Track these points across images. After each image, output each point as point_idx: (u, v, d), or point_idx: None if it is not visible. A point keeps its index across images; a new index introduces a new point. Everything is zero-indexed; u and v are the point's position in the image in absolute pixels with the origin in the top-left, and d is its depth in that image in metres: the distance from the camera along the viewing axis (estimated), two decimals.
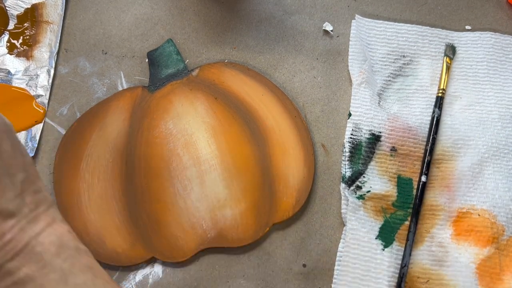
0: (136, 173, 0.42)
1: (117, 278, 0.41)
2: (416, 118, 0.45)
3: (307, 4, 0.50)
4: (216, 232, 0.41)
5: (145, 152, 0.43)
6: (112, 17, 0.49)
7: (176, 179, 0.42)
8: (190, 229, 0.41)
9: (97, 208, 0.42)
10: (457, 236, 0.42)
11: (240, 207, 0.41)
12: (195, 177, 0.42)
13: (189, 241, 0.41)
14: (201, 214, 0.42)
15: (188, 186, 0.42)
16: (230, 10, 0.50)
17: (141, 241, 0.42)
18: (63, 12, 0.49)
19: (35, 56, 0.48)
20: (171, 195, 0.42)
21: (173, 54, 0.47)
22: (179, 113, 0.44)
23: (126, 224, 0.42)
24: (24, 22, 0.49)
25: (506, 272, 0.41)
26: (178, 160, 0.42)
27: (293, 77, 0.47)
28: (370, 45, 0.47)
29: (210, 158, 0.42)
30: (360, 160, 0.44)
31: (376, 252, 0.41)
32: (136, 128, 0.44)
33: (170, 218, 0.42)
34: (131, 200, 0.42)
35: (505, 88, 0.46)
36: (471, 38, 0.48)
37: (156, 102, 0.45)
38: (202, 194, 0.42)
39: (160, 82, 0.46)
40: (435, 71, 0.47)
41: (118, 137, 0.44)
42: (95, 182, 0.43)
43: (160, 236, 0.41)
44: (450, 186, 0.43)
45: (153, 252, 0.41)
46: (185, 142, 0.43)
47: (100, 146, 0.44)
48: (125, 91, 0.47)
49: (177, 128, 0.43)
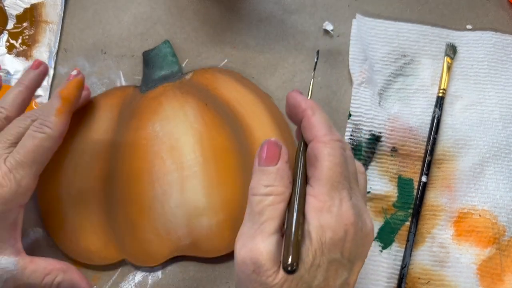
0: (117, 173, 0.41)
1: (116, 278, 0.41)
2: (416, 118, 0.45)
3: (307, 3, 0.50)
4: (190, 240, 0.40)
5: (129, 153, 0.42)
6: (111, 16, 0.49)
7: (157, 182, 0.41)
8: (164, 235, 0.40)
9: (75, 204, 0.42)
10: (458, 237, 0.42)
11: (218, 217, 0.40)
12: (176, 183, 0.40)
13: (163, 247, 0.40)
14: (178, 221, 0.40)
15: (168, 191, 0.40)
16: (230, 9, 0.50)
17: (115, 242, 0.41)
18: (63, 12, 0.49)
19: (34, 56, 0.47)
20: (149, 199, 0.40)
21: (169, 56, 0.47)
22: (168, 116, 0.42)
23: (102, 223, 0.41)
24: (23, 22, 0.48)
25: (507, 272, 0.41)
26: (161, 164, 0.41)
27: (293, 77, 0.47)
28: (371, 44, 0.47)
29: (193, 165, 0.41)
30: (361, 160, 0.43)
31: (374, 253, 0.41)
32: (123, 127, 0.43)
33: (145, 222, 0.40)
34: (110, 199, 0.41)
35: (506, 88, 0.46)
36: (472, 37, 0.48)
37: (146, 103, 0.44)
38: (181, 200, 0.40)
39: (153, 83, 0.45)
40: (436, 70, 0.47)
41: (105, 134, 0.43)
42: (76, 177, 0.42)
43: (134, 238, 0.40)
44: (451, 187, 0.43)
45: (125, 254, 0.41)
46: (170, 146, 0.41)
47: (86, 142, 0.43)
48: (116, 89, 0.46)
49: (163, 131, 0.42)
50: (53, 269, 0.37)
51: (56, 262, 0.38)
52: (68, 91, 0.38)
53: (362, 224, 0.30)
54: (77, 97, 0.39)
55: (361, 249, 0.30)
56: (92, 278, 0.41)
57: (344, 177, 0.29)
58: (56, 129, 0.36)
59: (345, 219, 0.29)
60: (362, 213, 0.30)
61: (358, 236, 0.29)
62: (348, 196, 0.29)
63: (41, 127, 0.36)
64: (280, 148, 0.31)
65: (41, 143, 0.35)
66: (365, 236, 0.30)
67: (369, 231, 0.30)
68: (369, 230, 0.30)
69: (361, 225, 0.29)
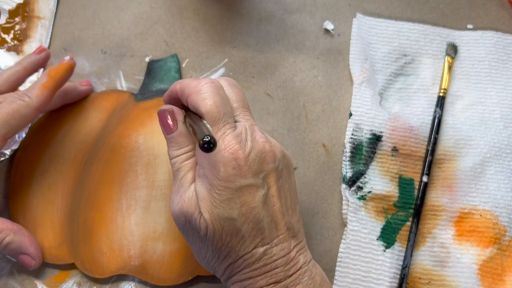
0: (90, 176, 0.41)
1: (117, 279, 0.41)
2: (417, 117, 0.45)
3: (307, 2, 0.50)
4: (140, 262, 0.40)
5: (106, 158, 0.41)
6: (111, 16, 0.49)
7: (124, 195, 0.40)
8: (117, 250, 0.40)
9: (42, 196, 0.42)
10: (459, 237, 0.42)
11: (172, 246, 0.40)
12: (143, 200, 0.40)
13: (112, 261, 0.40)
14: (134, 239, 0.40)
15: (132, 206, 0.40)
16: (230, 9, 0.49)
17: (69, 244, 0.41)
18: (55, 7, 0.49)
19: (25, 51, 0.47)
20: (113, 209, 0.40)
21: (172, 71, 0.46)
22: (154, 130, 0.42)
23: (62, 222, 0.41)
24: (15, 17, 0.48)
25: (508, 272, 0.41)
26: (133, 177, 0.41)
27: (294, 76, 0.47)
28: (371, 44, 0.47)
29: (164, 186, 0.41)
30: (361, 160, 0.43)
31: (377, 253, 0.41)
32: (108, 131, 0.43)
33: (103, 232, 0.40)
34: (76, 200, 0.41)
35: (507, 87, 0.46)
36: (473, 37, 0.48)
37: (136, 112, 0.43)
38: (143, 219, 0.40)
39: (149, 94, 0.45)
40: (437, 70, 0.47)
41: (89, 134, 0.43)
42: (51, 170, 0.42)
43: (87, 245, 0.40)
44: (452, 186, 0.43)
45: (76, 259, 0.40)
46: (148, 162, 0.41)
47: (69, 137, 0.43)
48: (113, 92, 0.46)
49: (145, 145, 0.41)
50: (4, 228, 0.38)
51: (9, 223, 0.39)
52: (57, 70, 0.41)
53: (251, 146, 0.32)
54: (64, 78, 0.41)
55: (264, 165, 0.32)
56: None
57: (223, 114, 0.32)
58: (35, 100, 0.38)
59: (230, 150, 0.31)
60: (247, 137, 0.32)
61: (251, 157, 0.31)
62: (231, 129, 0.32)
63: (22, 96, 0.38)
64: (173, 112, 0.35)
65: (18, 109, 0.37)
66: (261, 153, 0.32)
67: (261, 148, 0.32)
68: (261, 147, 0.32)
69: (250, 148, 0.32)
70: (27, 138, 0.44)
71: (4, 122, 0.37)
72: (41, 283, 0.41)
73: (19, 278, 0.41)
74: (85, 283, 0.41)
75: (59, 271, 0.41)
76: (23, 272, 0.41)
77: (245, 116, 0.34)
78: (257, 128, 0.34)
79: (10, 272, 0.41)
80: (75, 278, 0.41)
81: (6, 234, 0.38)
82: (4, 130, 0.37)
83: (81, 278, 0.41)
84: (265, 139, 0.33)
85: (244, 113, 0.34)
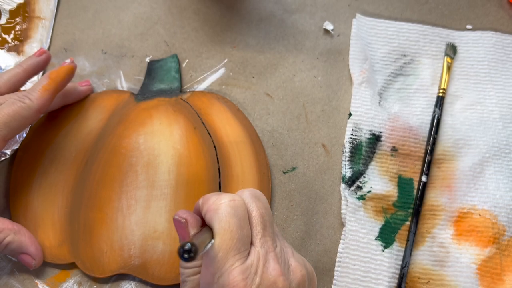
0: (91, 176, 0.41)
1: (117, 278, 0.41)
2: (417, 117, 0.45)
3: (307, 3, 0.50)
4: (140, 262, 0.40)
5: (107, 158, 0.42)
6: (112, 16, 0.49)
7: (125, 195, 0.41)
8: (117, 249, 0.40)
9: (43, 196, 0.42)
10: (458, 237, 0.42)
11: (173, 245, 0.40)
12: (143, 199, 0.41)
13: (112, 261, 0.40)
14: (134, 238, 0.40)
15: (133, 206, 0.40)
16: (230, 9, 0.49)
17: (69, 243, 0.41)
18: (56, 8, 0.49)
19: (26, 51, 0.48)
20: (113, 209, 0.40)
21: (172, 71, 0.46)
22: (154, 130, 0.42)
23: (63, 221, 0.41)
24: (16, 17, 0.49)
25: (507, 272, 0.41)
26: (133, 177, 0.41)
27: (294, 77, 0.47)
28: (371, 44, 0.47)
29: (164, 186, 0.41)
30: (361, 160, 0.43)
31: (376, 253, 0.41)
32: (108, 131, 0.43)
33: (103, 231, 0.40)
34: (76, 200, 0.41)
35: (506, 87, 0.46)
36: (472, 37, 0.48)
37: (137, 112, 0.44)
38: (143, 218, 0.40)
39: (149, 94, 0.46)
40: (436, 70, 0.47)
41: (89, 134, 0.43)
42: (51, 169, 0.42)
43: (88, 244, 0.40)
44: (451, 186, 0.43)
45: (76, 258, 0.41)
46: (148, 161, 0.41)
47: (69, 138, 0.43)
48: (113, 92, 0.46)
49: (145, 145, 0.42)
50: (5, 228, 0.38)
51: (9, 222, 0.39)
52: (58, 73, 0.41)
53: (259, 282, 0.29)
54: (65, 80, 0.41)
55: None
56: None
57: (237, 240, 0.30)
58: (36, 102, 0.38)
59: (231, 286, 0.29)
60: (257, 270, 0.30)
61: None
62: (240, 260, 0.29)
63: (22, 98, 0.38)
64: (186, 224, 0.32)
65: (19, 111, 0.38)
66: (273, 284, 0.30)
67: (271, 284, 0.30)
68: (271, 282, 0.30)
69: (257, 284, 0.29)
70: (28, 138, 0.44)
71: (4, 123, 0.37)
72: (41, 282, 0.41)
73: (20, 277, 0.41)
74: (86, 282, 0.41)
75: (60, 271, 0.41)
76: (23, 271, 0.41)
77: (264, 238, 0.31)
78: (274, 255, 0.31)
79: (11, 271, 0.41)
80: (75, 278, 0.41)
81: (7, 234, 0.38)
82: (4, 131, 0.37)
83: (82, 277, 0.41)
84: (279, 272, 0.30)
85: (263, 234, 0.31)
